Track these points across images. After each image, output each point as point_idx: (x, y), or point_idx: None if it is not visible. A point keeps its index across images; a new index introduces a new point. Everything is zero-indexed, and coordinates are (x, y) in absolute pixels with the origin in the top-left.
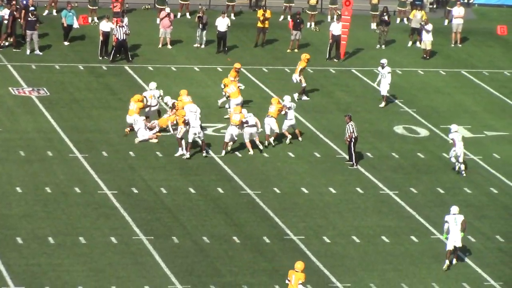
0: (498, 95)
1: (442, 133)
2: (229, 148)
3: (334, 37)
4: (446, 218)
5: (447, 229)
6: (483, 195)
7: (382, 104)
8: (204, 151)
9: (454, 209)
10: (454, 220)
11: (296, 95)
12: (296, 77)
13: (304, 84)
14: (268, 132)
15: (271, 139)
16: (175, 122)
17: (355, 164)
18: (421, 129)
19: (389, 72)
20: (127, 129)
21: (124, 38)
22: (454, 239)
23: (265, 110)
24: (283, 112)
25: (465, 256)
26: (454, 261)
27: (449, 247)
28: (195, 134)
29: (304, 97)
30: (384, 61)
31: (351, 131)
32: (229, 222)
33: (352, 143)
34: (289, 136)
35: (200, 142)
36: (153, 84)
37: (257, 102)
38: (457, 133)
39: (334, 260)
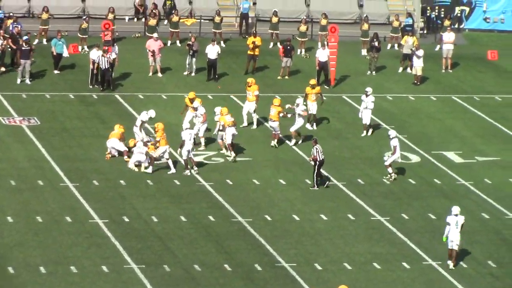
0: (489, 120)
1: (434, 159)
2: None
3: (321, 63)
4: (447, 220)
5: (448, 231)
6: (475, 220)
7: (364, 134)
8: (193, 169)
9: (456, 209)
10: (455, 222)
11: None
12: (308, 104)
13: (308, 112)
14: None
15: (275, 141)
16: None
17: (315, 185)
18: (412, 155)
19: (372, 101)
20: (109, 155)
21: (107, 67)
22: (452, 240)
23: (255, 138)
24: (281, 115)
25: (456, 282)
26: (452, 265)
27: (450, 246)
28: (188, 151)
29: (307, 125)
30: (368, 89)
31: (315, 154)
32: (220, 250)
33: (317, 166)
34: (293, 141)
35: (190, 160)
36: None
37: (247, 129)
38: (397, 138)
39: (326, 287)
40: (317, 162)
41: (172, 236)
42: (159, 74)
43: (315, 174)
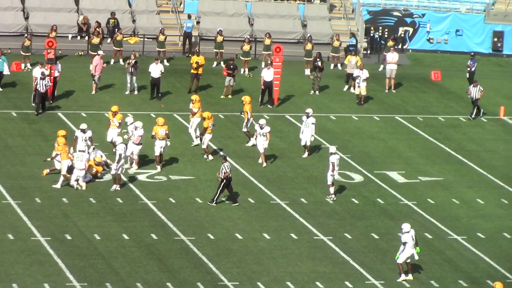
0: (433, 140)
1: (377, 178)
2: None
3: (266, 83)
4: (403, 239)
5: (403, 249)
6: (418, 240)
7: (306, 155)
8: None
9: (406, 226)
10: (411, 238)
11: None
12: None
13: (244, 129)
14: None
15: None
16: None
17: (215, 201)
18: (355, 174)
19: (313, 123)
20: (47, 170)
21: (45, 90)
22: (407, 254)
23: (198, 157)
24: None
25: None
26: (410, 276)
27: (400, 261)
28: (119, 166)
29: (250, 143)
30: (309, 110)
31: (226, 171)
32: (163, 268)
33: (224, 183)
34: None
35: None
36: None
37: (190, 148)
38: (337, 155)
39: None
40: (225, 180)
41: (115, 254)
42: (97, 90)
43: (219, 190)
